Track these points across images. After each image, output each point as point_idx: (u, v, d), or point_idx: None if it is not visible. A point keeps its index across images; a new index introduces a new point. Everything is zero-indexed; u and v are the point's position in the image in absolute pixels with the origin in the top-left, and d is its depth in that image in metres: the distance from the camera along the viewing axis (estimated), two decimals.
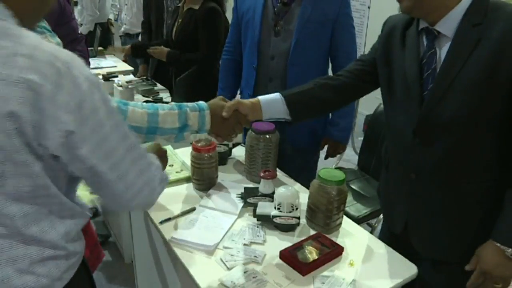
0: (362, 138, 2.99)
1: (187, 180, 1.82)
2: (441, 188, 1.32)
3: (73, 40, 2.50)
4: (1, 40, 0.79)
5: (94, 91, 0.85)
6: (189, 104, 1.43)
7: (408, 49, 1.33)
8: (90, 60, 3.16)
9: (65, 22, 2.45)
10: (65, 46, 2.37)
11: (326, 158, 2.40)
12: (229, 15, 2.86)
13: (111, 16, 5.51)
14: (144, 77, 3.37)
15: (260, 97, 1.57)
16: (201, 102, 1.46)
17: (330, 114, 2.27)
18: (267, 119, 1.57)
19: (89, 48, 2.74)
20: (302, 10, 2.03)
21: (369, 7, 3.72)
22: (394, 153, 1.46)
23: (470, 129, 1.22)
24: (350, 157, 4.26)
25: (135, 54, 3.15)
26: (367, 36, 3.81)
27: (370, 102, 4.57)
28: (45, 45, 0.82)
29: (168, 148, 2.09)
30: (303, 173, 2.08)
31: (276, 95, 1.57)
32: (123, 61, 3.96)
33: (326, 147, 2.33)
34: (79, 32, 2.76)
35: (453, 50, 1.22)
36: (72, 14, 2.51)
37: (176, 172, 1.87)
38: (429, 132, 1.28)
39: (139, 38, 4.54)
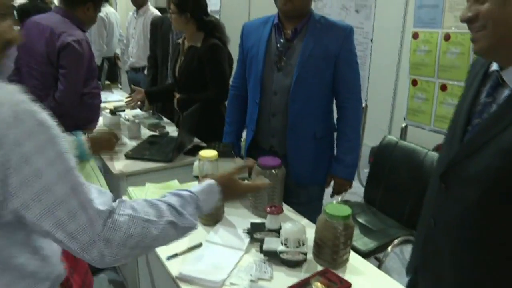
0: (368, 170, 2.99)
1: None
2: (454, 241, 1.21)
3: (92, 77, 2.56)
4: None
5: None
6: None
7: (471, 90, 1.21)
8: None
9: (92, 70, 2.53)
10: (84, 82, 2.44)
11: (332, 195, 2.39)
12: (232, 50, 2.92)
13: (118, 51, 5.62)
14: (151, 111, 3.41)
15: None
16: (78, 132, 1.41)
17: (336, 150, 2.28)
18: None
19: (98, 82, 2.79)
20: (304, 46, 2.06)
21: (371, 40, 3.77)
22: (427, 193, 1.39)
23: (495, 193, 1.08)
24: (356, 189, 4.23)
25: (150, 101, 3.19)
26: (370, 69, 3.85)
27: (375, 134, 4.61)
28: None
29: (174, 182, 2.10)
30: (309, 207, 2.08)
31: None
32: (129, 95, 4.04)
33: (332, 183, 2.32)
34: None
35: (506, 105, 1.07)
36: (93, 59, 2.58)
37: None
38: (453, 181, 1.19)
39: (145, 71, 4.62)
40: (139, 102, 3.18)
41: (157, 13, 4.66)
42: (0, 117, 0.78)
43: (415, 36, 3.35)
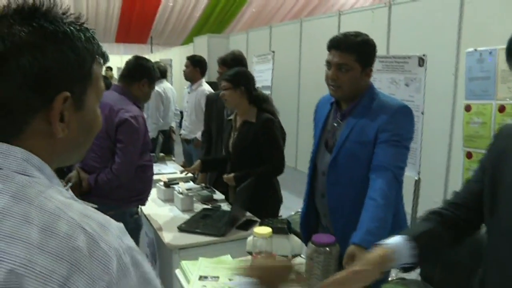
0: None
1: None
2: None
3: (146, 150, 2.69)
4: (15, 204, 0.65)
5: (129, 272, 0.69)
6: None
7: None
8: None
9: (146, 143, 2.67)
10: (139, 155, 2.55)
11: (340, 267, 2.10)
12: (283, 123, 2.99)
13: (173, 124, 5.85)
14: (203, 184, 3.48)
15: (388, 245, 1.33)
16: None
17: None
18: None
19: (151, 154, 2.91)
20: (344, 128, 2.03)
21: (422, 113, 3.77)
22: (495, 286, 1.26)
23: None
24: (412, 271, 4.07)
25: (204, 169, 3.27)
26: (422, 142, 3.81)
27: (429, 207, 4.48)
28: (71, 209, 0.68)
29: (227, 257, 2.10)
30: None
31: (399, 240, 1.33)
32: (182, 165, 4.15)
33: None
34: None
35: None
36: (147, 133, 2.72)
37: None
38: None
39: (195, 143, 4.78)
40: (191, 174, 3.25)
41: (209, 88, 4.88)
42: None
43: (468, 108, 3.32)
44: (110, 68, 12.73)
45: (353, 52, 1.94)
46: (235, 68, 3.19)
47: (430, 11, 4.78)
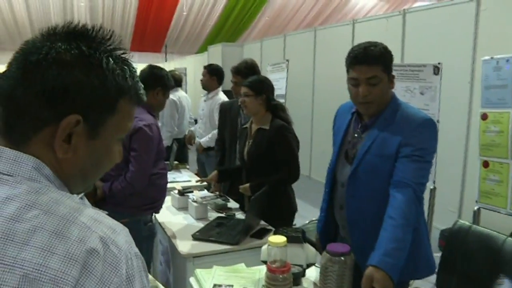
0: (437, 254, 2.85)
1: None
2: None
3: (160, 158, 2.70)
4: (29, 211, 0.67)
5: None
6: None
7: None
8: None
9: (160, 151, 2.69)
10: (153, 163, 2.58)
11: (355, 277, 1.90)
12: (297, 133, 2.99)
13: (188, 133, 5.89)
14: (217, 193, 3.48)
15: None
16: None
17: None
18: None
19: (165, 162, 2.92)
20: (365, 140, 1.98)
21: (438, 121, 3.74)
22: None
23: None
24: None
25: (221, 180, 3.28)
26: (437, 150, 3.79)
27: (445, 216, 4.43)
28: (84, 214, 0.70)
29: (241, 266, 2.10)
30: None
31: None
32: (196, 174, 4.17)
33: None
34: None
35: None
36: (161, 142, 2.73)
37: None
38: None
39: (209, 152, 4.80)
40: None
41: (225, 97, 4.90)
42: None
43: (484, 117, 3.30)
44: None
45: (378, 63, 1.90)
46: (256, 75, 3.20)
47: (445, 19, 4.76)
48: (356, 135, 2.05)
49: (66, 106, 0.73)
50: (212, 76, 4.96)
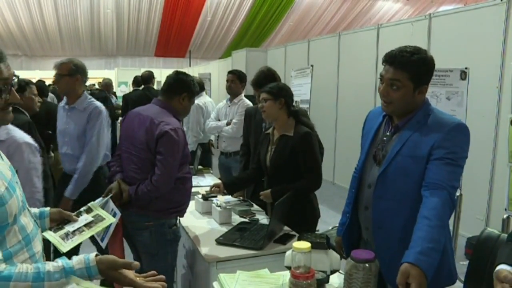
0: (463, 263, 2.79)
1: None
2: None
3: (185, 163, 2.73)
4: None
5: None
6: (76, 266, 1.34)
7: None
8: None
9: (185, 156, 2.71)
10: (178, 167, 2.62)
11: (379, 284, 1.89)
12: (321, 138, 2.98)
13: (212, 137, 5.91)
14: (241, 197, 3.49)
15: None
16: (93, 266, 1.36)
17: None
18: None
19: (190, 167, 2.94)
20: (396, 141, 1.98)
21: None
22: None
23: None
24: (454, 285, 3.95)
25: (230, 191, 3.27)
26: None
27: (471, 223, 4.35)
28: None
29: (265, 271, 2.10)
30: None
31: None
32: (219, 179, 4.17)
33: None
34: None
35: None
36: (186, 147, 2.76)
37: None
38: None
39: (234, 157, 4.80)
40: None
41: (249, 103, 4.91)
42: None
43: None
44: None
45: (406, 70, 1.88)
46: (276, 82, 3.22)
47: (472, 23, 4.69)
48: (385, 138, 2.05)
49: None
50: (242, 82, 4.98)
